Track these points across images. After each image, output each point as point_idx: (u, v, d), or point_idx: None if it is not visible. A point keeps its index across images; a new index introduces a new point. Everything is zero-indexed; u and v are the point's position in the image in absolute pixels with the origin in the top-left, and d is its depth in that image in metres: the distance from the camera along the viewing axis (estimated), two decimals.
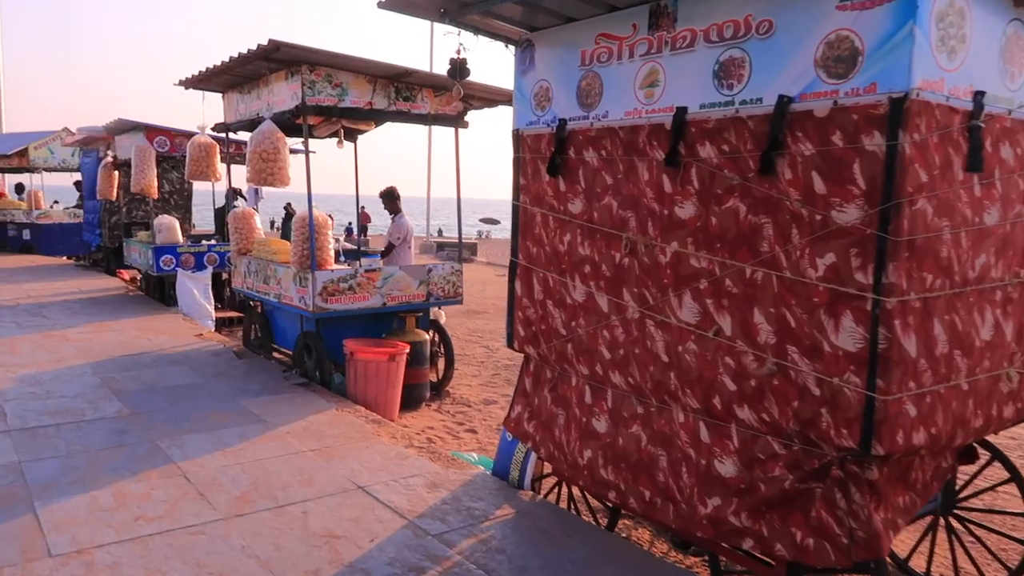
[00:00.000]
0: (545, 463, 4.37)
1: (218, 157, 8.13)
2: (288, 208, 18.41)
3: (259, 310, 8.25)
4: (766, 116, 2.96)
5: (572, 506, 4.31)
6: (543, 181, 4.09)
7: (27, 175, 18.81)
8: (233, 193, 12.41)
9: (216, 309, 10.52)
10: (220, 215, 12.43)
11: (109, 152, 12.23)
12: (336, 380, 6.69)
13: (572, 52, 3.89)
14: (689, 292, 3.29)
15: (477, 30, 4.11)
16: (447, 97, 7.14)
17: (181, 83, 7.98)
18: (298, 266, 6.66)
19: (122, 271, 14.55)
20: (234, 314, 10.91)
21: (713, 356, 3.20)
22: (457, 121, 7.27)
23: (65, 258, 17.39)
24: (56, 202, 19.65)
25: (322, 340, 6.79)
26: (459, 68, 4.08)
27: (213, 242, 11.00)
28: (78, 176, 18.50)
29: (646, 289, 3.49)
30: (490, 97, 7.10)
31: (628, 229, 3.57)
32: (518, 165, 4.29)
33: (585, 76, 3.82)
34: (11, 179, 21.54)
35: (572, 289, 3.93)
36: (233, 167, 8.54)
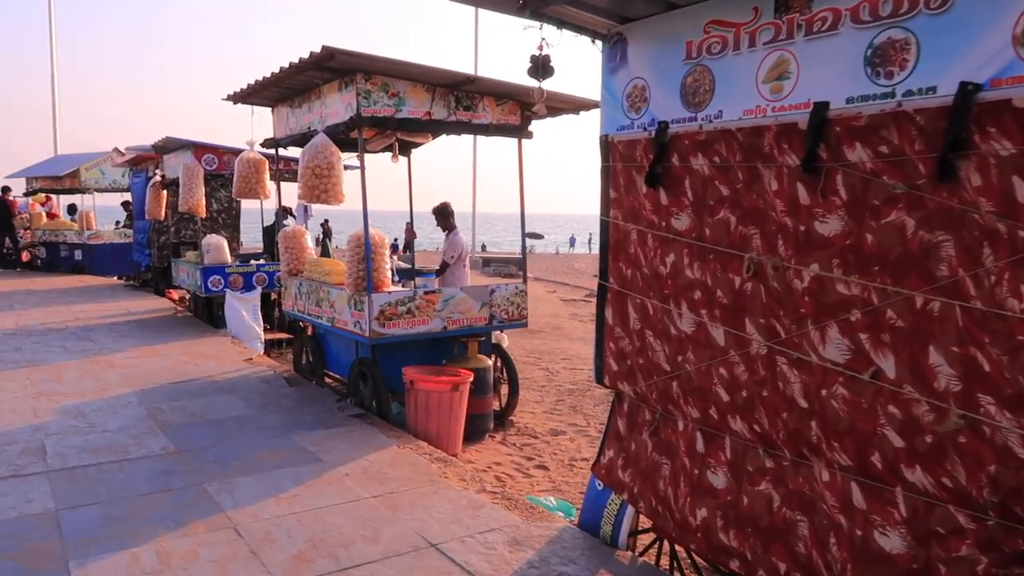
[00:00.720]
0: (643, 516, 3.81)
1: (267, 174, 7.78)
2: (325, 226, 17.96)
3: (310, 333, 7.85)
4: (942, 109, 2.39)
5: (677, 570, 3.73)
6: (639, 193, 3.55)
7: (79, 196, 18.92)
8: (283, 211, 12.17)
9: (265, 331, 10.19)
10: (269, 234, 12.15)
11: (157, 171, 12.06)
12: (394, 410, 6.23)
13: (674, 44, 3.36)
14: (836, 325, 2.72)
15: (561, 23, 3.61)
16: (510, 106, 6.66)
17: (229, 98, 7.66)
18: (353, 288, 6.23)
19: (171, 291, 14.42)
20: (284, 336, 10.57)
21: (871, 404, 2.62)
22: (520, 131, 6.78)
23: (116, 278, 17.37)
24: (118, 223, 19.72)
25: (379, 367, 6.33)
26: (542, 66, 3.57)
27: (262, 262, 10.69)
28: (127, 196, 18.57)
29: (776, 320, 2.93)
30: (557, 105, 6.60)
31: (751, 249, 3.02)
32: (607, 176, 3.77)
33: (691, 71, 3.29)
34: (65, 200, 21.81)
35: (678, 318, 3.38)
36: (283, 184, 8.18)
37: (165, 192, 11.81)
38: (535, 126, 6.87)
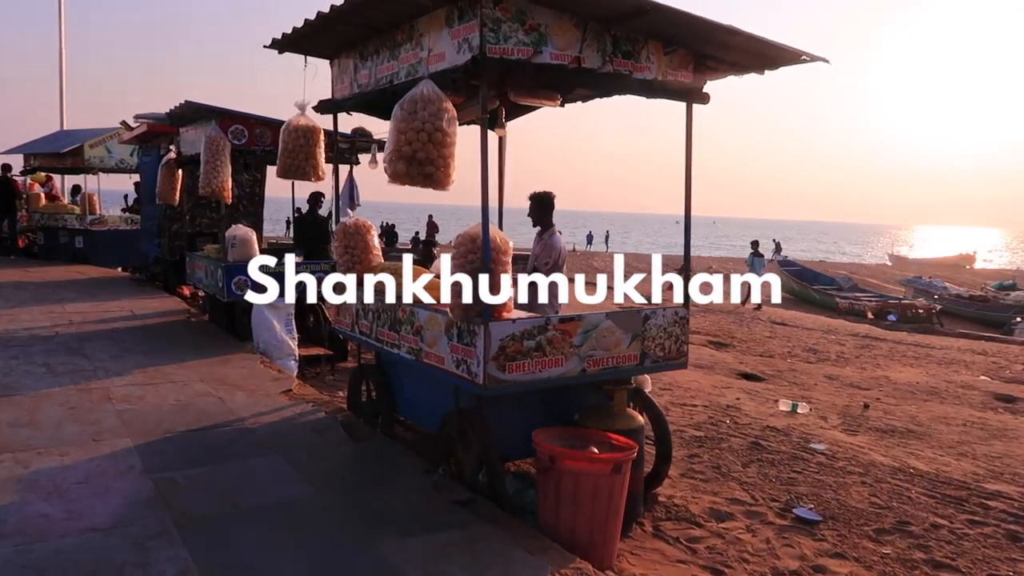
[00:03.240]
0: None
1: (322, 147, 5.78)
2: (386, 227, 15.81)
3: (374, 362, 5.89)
4: None
5: None
6: None
7: (82, 177, 16.98)
8: (315, 199, 10.19)
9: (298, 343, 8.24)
10: (301, 225, 10.19)
11: (171, 148, 10.11)
12: (526, 496, 4.28)
13: None
14: None
15: None
16: (681, 56, 4.67)
17: (274, 44, 5.70)
18: (460, 313, 4.24)
19: (183, 287, 12.51)
20: (321, 351, 8.62)
21: None
22: (694, 94, 4.79)
23: (120, 269, 15.45)
24: (125, 208, 17.73)
25: (490, 427, 4.37)
26: None
27: (298, 259, 8.72)
28: (137, 177, 16.63)
29: None
30: (750, 57, 4.61)
31: None
32: None
33: None
34: (71, 181, 19.91)
35: None
36: (342, 164, 6.18)
37: (180, 172, 9.86)
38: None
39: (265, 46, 5.78)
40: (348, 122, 10.40)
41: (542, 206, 6.47)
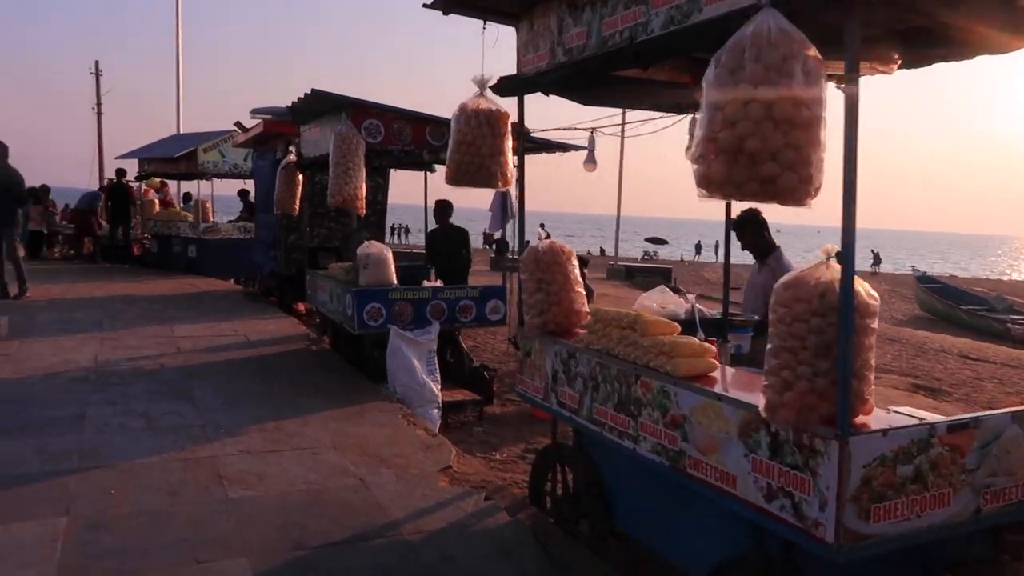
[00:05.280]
0: None
1: (510, 141, 4.13)
2: (544, 232, 13.98)
3: (575, 444, 4.20)
4: None
5: None
6: None
7: (195, 182, 16.26)
8: (444, 209, 8.63)
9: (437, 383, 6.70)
10: (434, 242, 8.68)
11: (291, 149, 8.84)
12: None
13: None
14: None
15: None
16: None
17: (436, 3, 4.16)
18: (790, 414, 2.49)
19: (299, 303, 11.34)
20: (467, 395, 7.06)
21: None
22: None
23: (232, 281, 14.53)
24: (241, 215, 16.89)
25: None
26: None
27: (437, 283, 7.21)
28: (242, 184, 15.76)
29: None
30: None
31: None
32: None
33: None
34: (185, 187, 19.43)
35: None
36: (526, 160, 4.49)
37: (301, 177, 8.56)
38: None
39: (426, 5, 4.23)
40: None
41: (756, 225, 4.79)
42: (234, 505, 3.97)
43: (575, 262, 4.10)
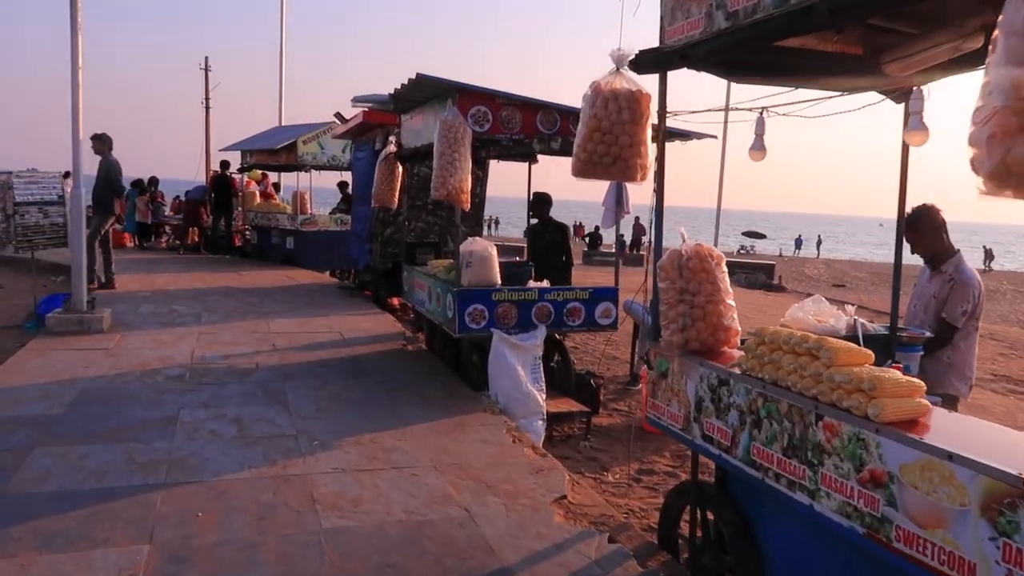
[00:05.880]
0: None
1: (649, 127, 3.47)
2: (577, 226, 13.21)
3: (720, 486, 3.55)
4: None
5: None
6: None
7: (294, 175, 16.29)
8: (543, 202, 8.04)
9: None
10: (535, 238, 8.12)
11: (391, 139, 8.45)
12: None
13: None
14: None
15: None
16: None
17: None
18: None
19: (393, 298, 11.05)
20: (573, 406, 6.48)
21: None
22: None
23: (328, 274, 14.45)
24: (337, 208, 16.86)
25: None
26: None
27: (544, 283, 6.64)
28: (340, 176, 15.67)
29: None
30: None
31: None
32: None
33: None
34: (286, 179, 19.58)
35: None
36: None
37: (400, 169, 8.16)
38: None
39: None
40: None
41: (934, 224, 4.03)
42: (327, 538, 3.52)
43: (725, 269, 3.45)
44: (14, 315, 9.28)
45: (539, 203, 7.95)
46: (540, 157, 7.64)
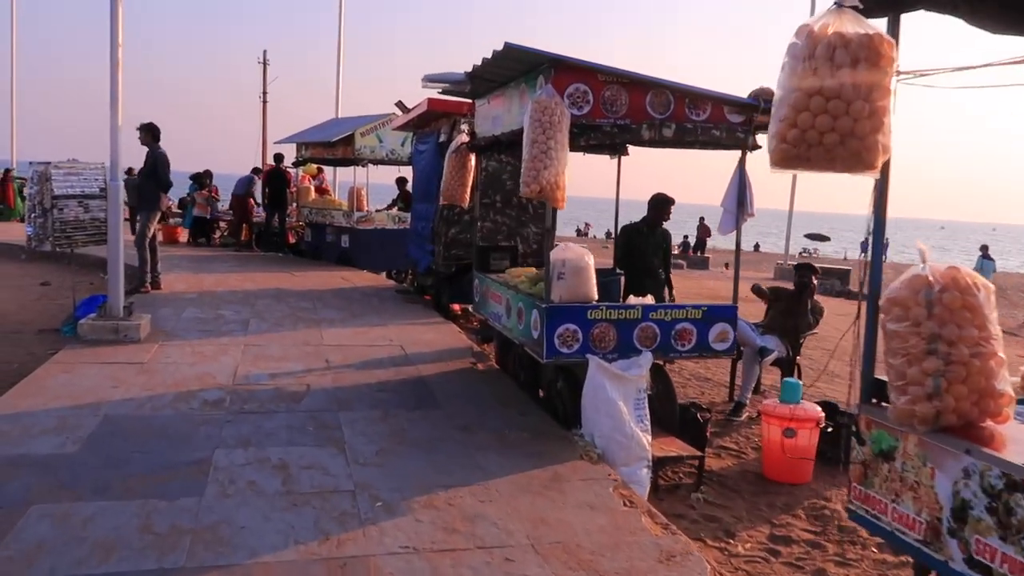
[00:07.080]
0: None
1: (892, 91, 2.36)
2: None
3: None
4: None
5: None
6: None
7: (351, 169, 15.44)
8: (666, 204, 6.70)
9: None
10: (636, 239, 6.98)
11: (463, 128, 7.43)
12: None
13: None
14: None
15: None
16: None
17: None
18: None
19: (455, 304, 10.09)
20: (684, 450, 5.35)
21: None
22: None
23: (384, 275, 13.55)
24: (394, 202, 15.95)
25: None
26: None
27: (647, 299, 5.52)
28: (398, 172, 14.75)
29: None
30: None
31: None
32: None
33: None
34: (342, 174, 18.83)
35: None
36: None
37: (474, 161, 7.14)
38: None
39: None
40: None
41: None
42: None
43: (994, 305, 2.30)
44: (55, 316, 8.59)
45: (664, 204, 6.79)
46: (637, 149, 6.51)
